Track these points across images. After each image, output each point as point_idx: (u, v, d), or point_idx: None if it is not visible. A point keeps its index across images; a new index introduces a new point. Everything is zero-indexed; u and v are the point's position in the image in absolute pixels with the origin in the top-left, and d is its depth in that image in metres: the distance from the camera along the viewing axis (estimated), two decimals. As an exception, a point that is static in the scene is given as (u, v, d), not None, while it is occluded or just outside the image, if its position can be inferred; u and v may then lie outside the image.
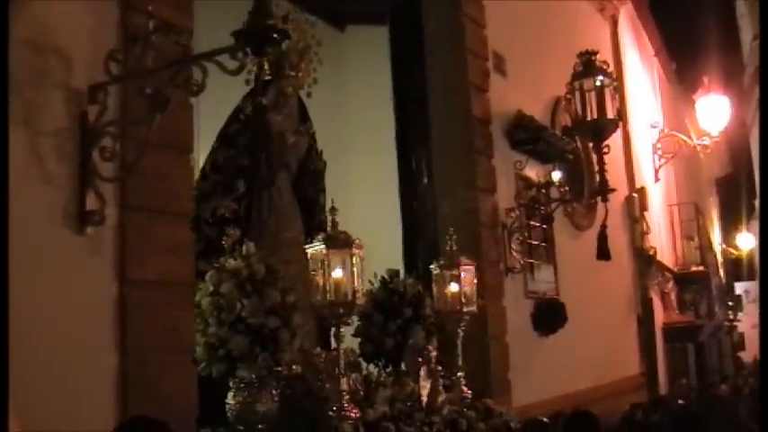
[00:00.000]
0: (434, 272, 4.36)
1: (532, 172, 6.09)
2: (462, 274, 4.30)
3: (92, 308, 2.66)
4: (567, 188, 6.10)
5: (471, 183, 5.30)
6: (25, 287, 2.40)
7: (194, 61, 2.54)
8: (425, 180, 5.45)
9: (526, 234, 5.89)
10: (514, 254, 5.65)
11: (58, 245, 2.57)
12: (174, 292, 2.94)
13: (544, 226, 6.23)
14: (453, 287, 4.29)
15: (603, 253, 6.10)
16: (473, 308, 4.33)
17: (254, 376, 3.11)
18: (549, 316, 5.99)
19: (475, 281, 4.39)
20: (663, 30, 11.80)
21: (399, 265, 5.09)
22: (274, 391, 3.16)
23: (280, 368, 3.21)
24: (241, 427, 3.07)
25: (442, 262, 4.36)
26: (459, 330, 4.31)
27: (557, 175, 5.99)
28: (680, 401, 7.12)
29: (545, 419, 3.96)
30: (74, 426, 2.49)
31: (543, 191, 6.00)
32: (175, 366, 2.88)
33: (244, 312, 3.12)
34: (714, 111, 10.96)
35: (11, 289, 2.29)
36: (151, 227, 2.86)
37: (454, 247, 4.36)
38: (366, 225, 6.68)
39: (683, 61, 13.05)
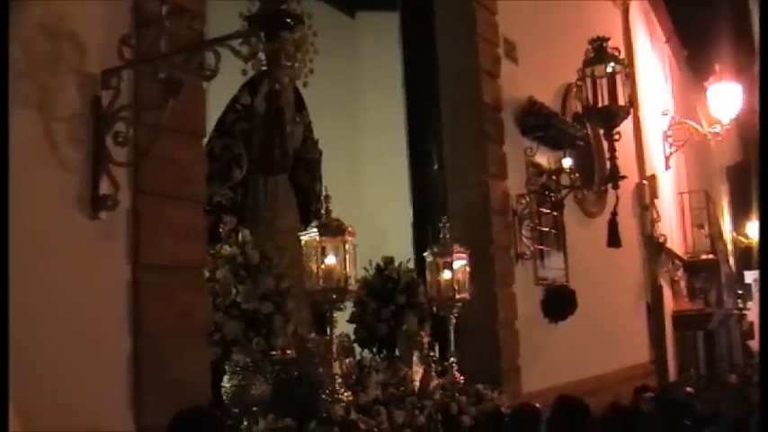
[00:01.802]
0: (428, 259, 4.40)
1: (543, 158, 6.08)
2: (455, 262, 4.34)
3: (105, 292, 2.67)
4: (577, 175, 6.09)
5: (482, 169, 5.30)
6: (39, 272, 2.42)
7: (207, 46, 2.54)
8: (436, 166, 5.45)
9: (536, 221, 5.89)
10: (525, 240, 5.65)
11: (71, 229, 2.58)
12: (187, 276, 2.95)
13: (554, 213, 6.23)
14: (446, 274, 4.32)
15: (614, 240, 6.10)
16: (465, 295, 4.37)
17: (248, 360, 3.17)
18: (559, 303, 5.99)
19: (468, 268, 4.42)
20: (674, 17, 11.72)
21: (410, 250, 5.11)
22: (269, 375, 3.22)
23: (274, 353, 3.27)
24: (236, 410, 3.13)
25: (435, 249, 4.40)
26: (451, 317, 4.36)
27: (567, 162, 5.99)
28: (689, 389, 7.10)
29: (537, 405, 4.00)
30: (88, 409, 2.52)
31: (554, 177, 6.00)
32: (189, 350, 2.90)
33: (238, 298, 3.20)
34: (725, 98, 10.89)
35: (25, 274, 2.31)
36: (164, 211, 2.87)
37: (448, 235, 4.41)
38: (376, 211, 6.74)
39: (695, 48, 12.95)
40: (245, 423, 3.10)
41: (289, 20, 2.41)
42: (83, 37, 2.67)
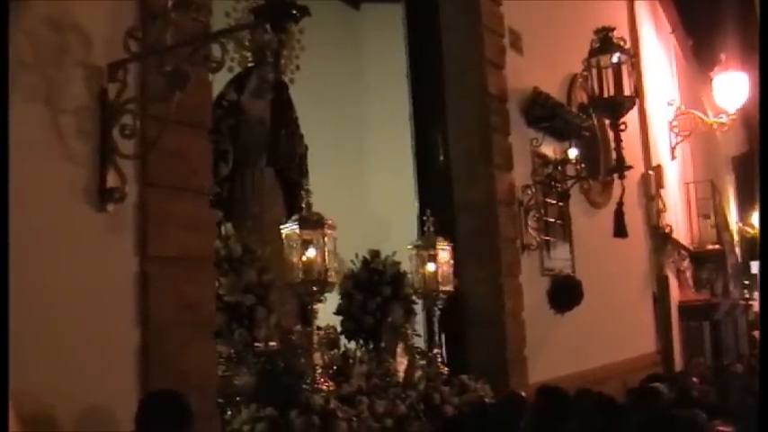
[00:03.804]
0: (411, 252, 4.42)
1: (549, 149, 6.08)
2: (439, 254, 4.35)
3: (113, 284, 2.68)
4: (583, 165, 6.09)
5: (487, 160, 5.30)
6: (46, 265, 2.43)
7: (213, 38, 2.54)
8: (441, 158, 5.45)
9: (542, 211, 5.89)
10: (531, 231, 5.65)
11: (79, 222, 2.59)
12: (194, 268, 2.96)
13: (560, 203, 6.22)
14: (430, 267, 4.34)
15: (620, 230, 6.09)
16: (449, 287, 4.39)
17: (232, 351, 3.20)
18: (565, 293, 5.99)
19: (451, 261, 4.44)
20: (679, 6, 11.68)
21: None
22: (252, 366, 3.26)
23: (257, 344, 3.30)
24: (220, 400, 3.15)
25: (419, 242, 4.42)
26: (435, 309, 4.38)
27: (573, 153, 5.98)
28: (694, 379, 7.10)
29: (522, 394, 4.02)
30: (96, 400, 2.53)
31: (559, 168, 6.00)
32: (196, 341, 2.91)
33: (221, 290, 3.22)
34: (731, 88, 10.86)
35: (32, 267, 2.33)
36: (171, 203, 2.88)
37: (431, 228, 4.43)
38: (382, 203, 6.75)
39: (700, 38, 12.90)
40: (229, 412, 3.13)
41: (295, 11, 2.41)
42: (89, 30, 2.67)
